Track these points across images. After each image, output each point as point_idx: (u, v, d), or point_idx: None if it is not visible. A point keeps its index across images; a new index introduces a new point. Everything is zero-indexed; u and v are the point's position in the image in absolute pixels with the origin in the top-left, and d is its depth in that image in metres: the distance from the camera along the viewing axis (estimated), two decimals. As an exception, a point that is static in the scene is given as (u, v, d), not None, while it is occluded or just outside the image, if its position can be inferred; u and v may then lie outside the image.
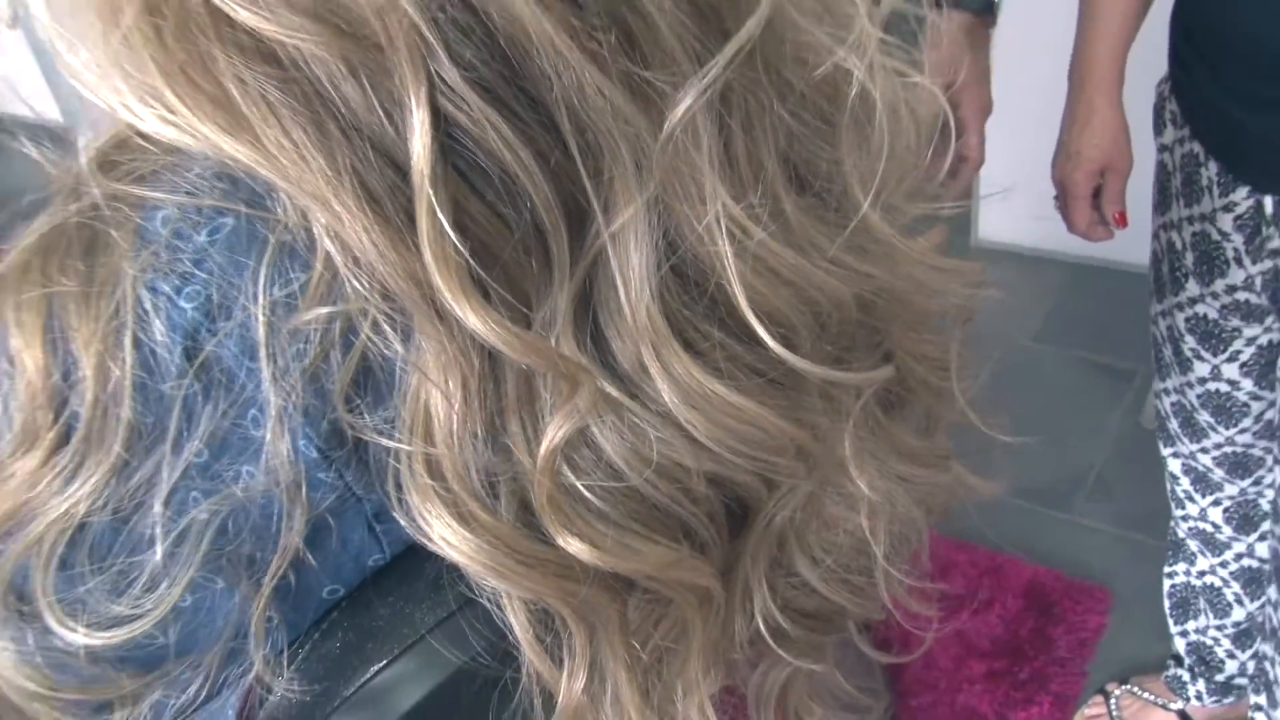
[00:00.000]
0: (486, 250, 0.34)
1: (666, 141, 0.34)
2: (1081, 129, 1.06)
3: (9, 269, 0.35)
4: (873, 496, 0.45)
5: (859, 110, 0.40)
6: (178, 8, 0.32)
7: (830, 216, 0.40)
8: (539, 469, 0.36)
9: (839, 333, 0.42)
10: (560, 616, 0.38)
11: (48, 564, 0.35)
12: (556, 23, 0.31)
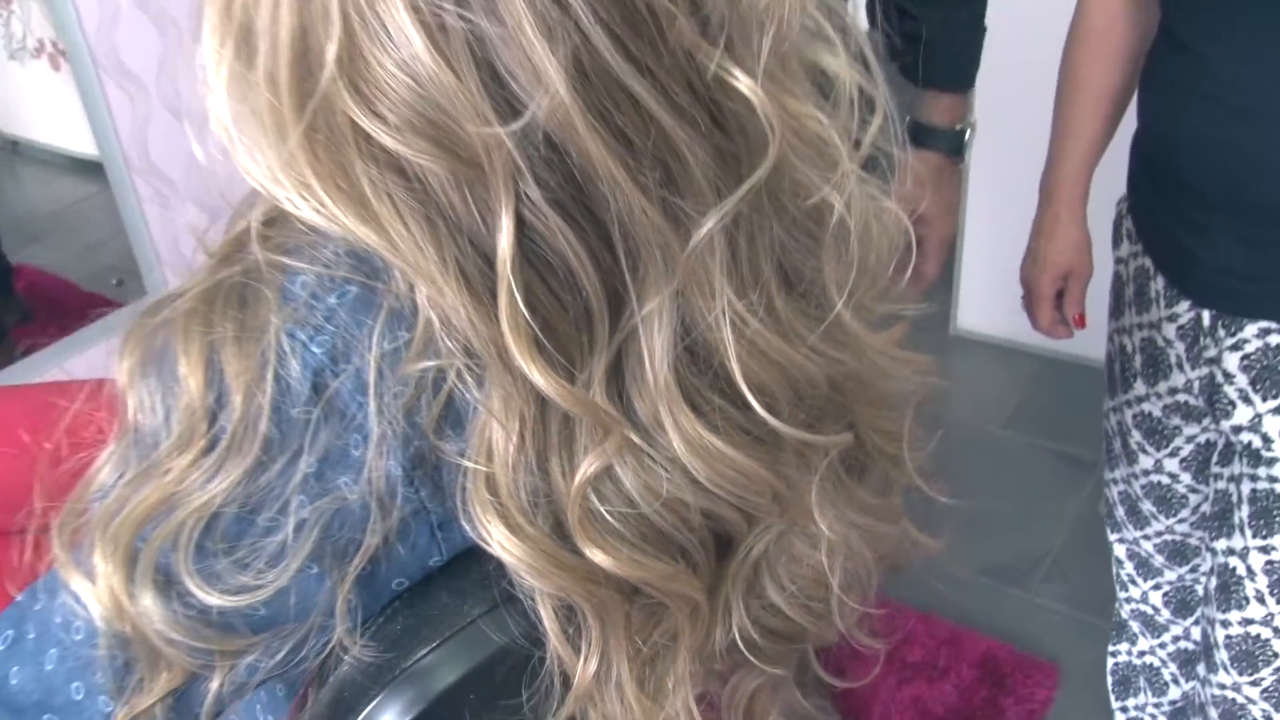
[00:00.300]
0: (547, 324, 0.44)
1: (691, 252, 0.44)
2: (1048, 238, 1.18)
3: (181, 312, 0.45)
4: (831, 538, 0.55)
5: (838, 231, 0.50)
6: (328, 128, 0.43)
7: (811, 312, 0.51)
8: (573, 495, 0.46)
9: (812, 405, 0.53)
10: (581, 612, 0.48)
11: (189, 543, 0.44)
12: (617, 162, 0.42)
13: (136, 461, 0.46)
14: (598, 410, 0.46)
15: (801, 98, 0.47)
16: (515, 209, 0.42)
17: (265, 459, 0.44)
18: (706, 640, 0.54)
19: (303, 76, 0.43)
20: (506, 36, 0.40)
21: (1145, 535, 1.26)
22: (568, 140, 0.42)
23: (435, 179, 0.43)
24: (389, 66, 0.41)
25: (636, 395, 0.47)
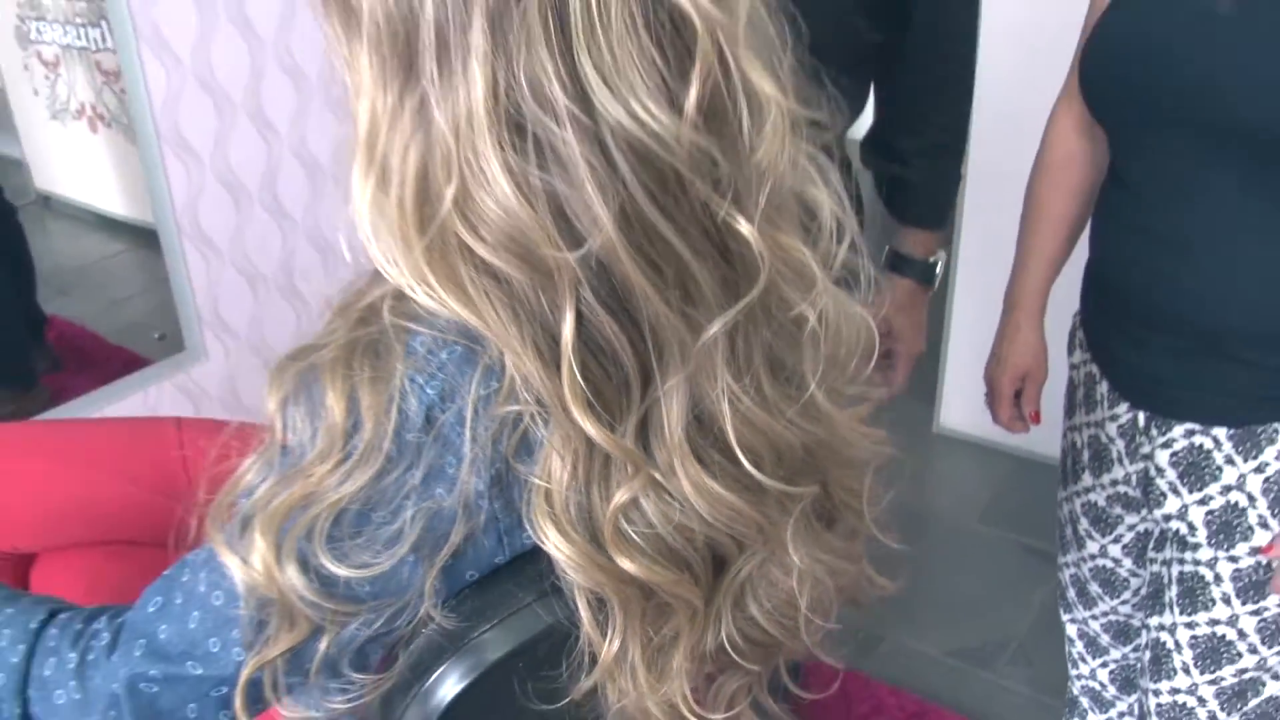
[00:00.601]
0: (596, 389, 0.60)
1: (700, 347, 0.60)
2: (1009, 343, 1.34)
3: (327, 360, 0.60)
4: (801, 568, 0.70)
5: (813, 333, 0.66)
6: (442, 241, 0.59)
7: (792, 394, 0.67)
8: (609, 516, 0.62)
9: (790, 463, 0.68)
10: (609, 604, 0.63)
11: (323, 528, 0.59)
12: (648, 283, 0.58)
13: (282, 467, 0.61)
14: (630, 453, 0.61)
15: (789, 231, 0.63)
16: (576, 307, 0.58)
17: (385, 470, 0.59)
18: (700, 641, 0.68)
19: (424, 203, 0.59)
20: (572, 191, 0.57)
21: (1093, 615, 1.40)
22: (614, 265, 0.58)
23: (519, 283, 0.59)
24: (489, 204, 0.57)
25: (658, 447, 0.63)
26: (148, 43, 1.98)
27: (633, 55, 0.55)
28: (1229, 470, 1.11)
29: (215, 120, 2.12)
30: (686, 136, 0.56)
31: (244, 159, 2.18)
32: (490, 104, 0.55)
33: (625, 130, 0.55)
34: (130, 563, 0.97)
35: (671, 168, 0.57)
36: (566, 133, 0.55)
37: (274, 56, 2.16)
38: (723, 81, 0.57)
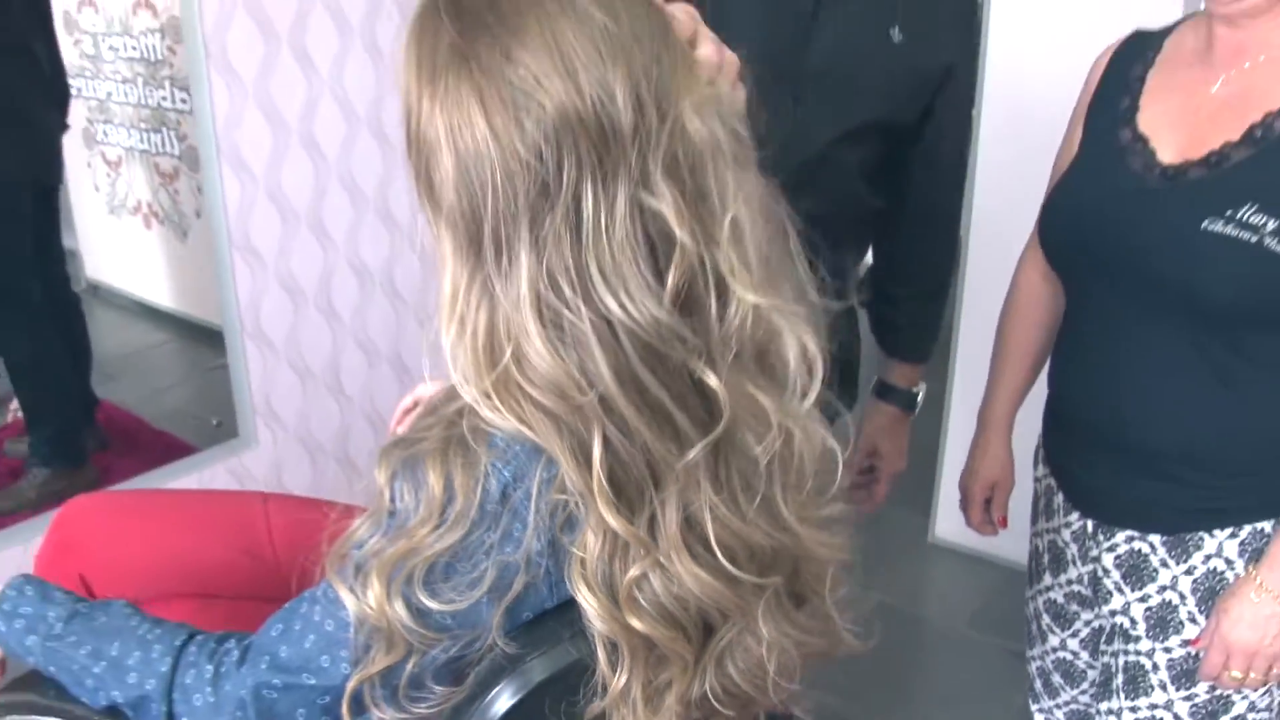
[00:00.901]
0: (619, 490, 0.79)
1: (682, 468, 0.79)
2: (980, 457, 1.53)
3: (428, 450, 0.79)
4: (769, 640, 0.88)
5: (783, 453, 0.85)
6: (505, 378, 0.78)
7: (761, 506, 0.85)
8: (624, 585, 0.80)
9: (760, 560, 0.86)
10: (620, 649, 0.81)
11: (421, 575, 0.78)
12: (642, 421, 0.78)
13: (389, 527, 0.80)
14: (642, 541, 0.80)
15: (754, 379, 0.82)
16: (602, 433, 0.78)
17: (470, 532, 0.78)
18: (688, 689, 0.86)
19: (490, 351, 0.79)
20: (585, 355, 0.76)
21: (1057, 704, 1.56)
22: (616, 408, 0.77)
23: (560, 414, 0.78)
24: (535, 360, 0.77)
25: (661, 538, 0.81)
26: (227, 159, 2.22)
27: (629, 258, 0.75)
28: (1164, 572, 1.29)
29: (280, 229, 2.35)
30: (664, 321, 0.76)
31: (303, 265, 2.41)
32: (531, 292, 0.76)
33: (617, 316, 0.76)
34: (216, 613, 1.14)
35: (654, 341, 0.77)
36: (578, 316, 0.76)
37: (336, 175, 2.40)
38: (699, 276, 0.77)
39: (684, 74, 0.76)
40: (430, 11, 0.77)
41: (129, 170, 2.56)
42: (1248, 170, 1.15)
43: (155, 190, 2.53)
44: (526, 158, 0.73)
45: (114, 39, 2.44)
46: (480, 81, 0.73)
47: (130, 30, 2.40)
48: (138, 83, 2.46)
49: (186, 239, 2.54)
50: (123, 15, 2.37)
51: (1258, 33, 1.17)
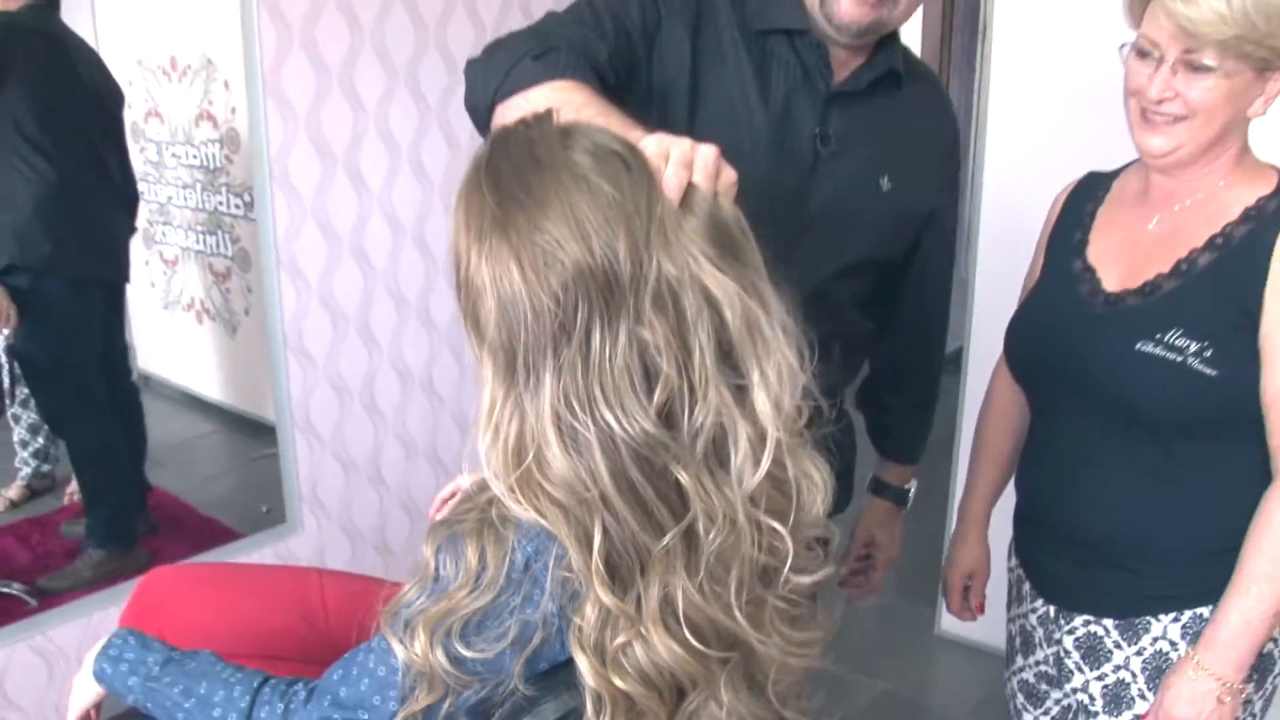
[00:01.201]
0: (614, 571, 0.94)
1: (660, 553, 0.95)
2: (959, 549, 1.70)
3: (465, 530, 0.96)
4: (729, 708, 1.03)
5: (731, 544, 1.01)
6: (526, 477, 0.95)
7: (723, 593, 1.00)
8: (611, 650, 0.96)
9: (725, 639, 1.01)
10: (605, 701, 0.97)
11: (458, 629, 0.95)
12: (631, 514, 0.94)
13: (433, 590, 0.97)
14: (629, 615, 0.96)
15: (714, 471, 0.97)
16: (601, 524, 0.94)
17: (498, 596, 0.95)
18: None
19: (517, 454, 0.96)
20: (590, 458, 0.93)
21: (1035, 779, 1.70)
22: (613, 503, 0.94)
23: (569, 506, 0.95)
24: (553, 464, 0.93)
25: (644, 613, 0.97)
26: (285, 268, 2.44)
27: (626, 382, 0.92)
28: (1117, 653, 1.44)
29: (331, 333, 2.56)
30: (652, 433, 0.94)
31: (350, 365, 2.61)
32: (551, 409, 0.94)
33: (615, 429, 0.93)
34: (278, 671, 1.31)
35: (643, 449, 0.94)
36: (586, 429, 0.93)
37: (383, 284, 2.62)
38: (678, 394, 0.95)
39: (669, 226, 0.95)
40: (474, 184, 0.96)
41: (184, 269, 2.75)
42: (1175, 299, 1.33)
43: (208, 288, 2.72)
44: (549, 303, 0.91)
45: (177, 147, 2.64)
46: (516, 244, 0.92)
47: (192, 140, 2.61)
48: (196, 188, 2.65)
49: (235, 335, 2.72)
50: (186, 126, 2.59)
51: (1186, 181, 1.37)
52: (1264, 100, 1.30)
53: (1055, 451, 1.48)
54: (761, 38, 1.46)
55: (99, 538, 2.51)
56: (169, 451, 2.74)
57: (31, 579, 2.37)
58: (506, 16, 2.69)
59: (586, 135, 0.97)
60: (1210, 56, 1.25)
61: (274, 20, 2.30)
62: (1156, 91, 1.29)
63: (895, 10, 1.40)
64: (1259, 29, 1.22)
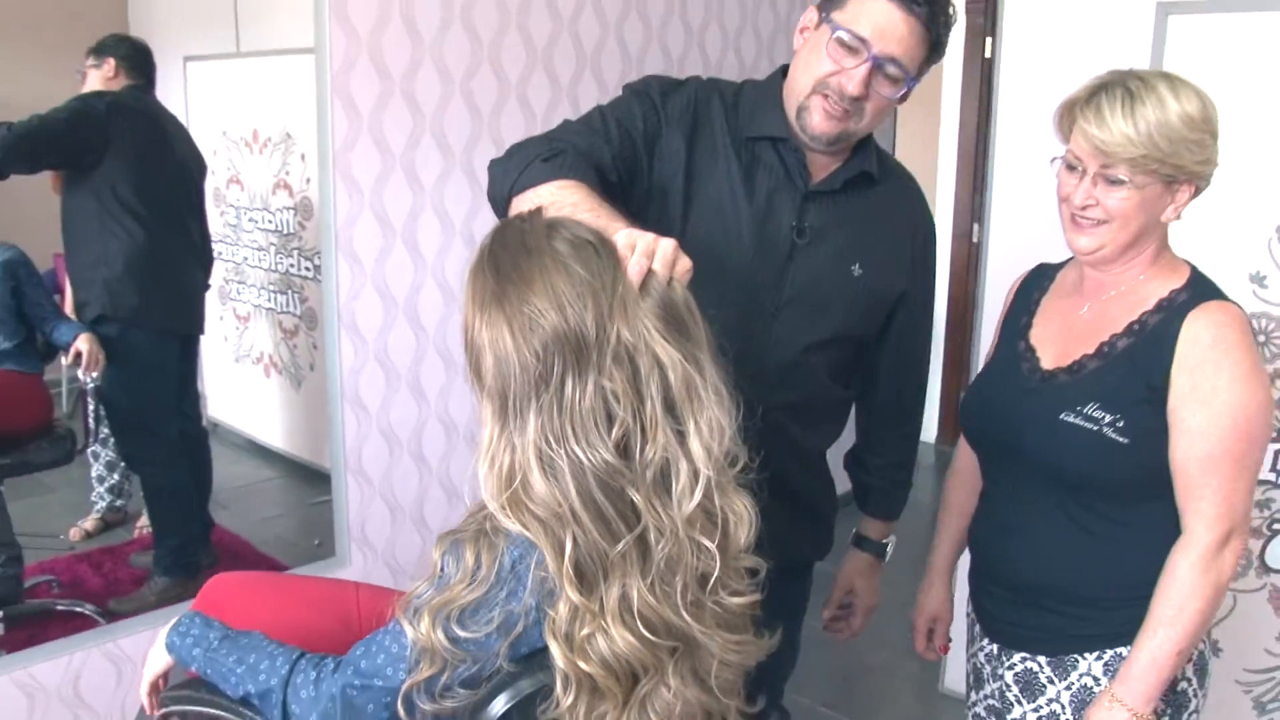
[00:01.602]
0: (581, 575, 1.17)
1: (618, 557, 1.18)
2: (926, 594, 1.90)
3: (464, 538, 1.20)
4: (676, 692, 1.23)
5: (674, 553, 1.24)
6: (514, 498, 1.19)
7: (670, 594, 1.23)
8: (578, 639, 1.18)
9: (674, 633, 1.22)
10: (571, 681, 1.19)
11: (455, 615, 1.18)
12: (598, 530, 1.18)
13: (438, 585, 1.21)
14: (593, 612, 1.18)
15: (660, 494, 1.20)
16: (572, 536, 1.17)
17: (489, 591, 1.18)
18: (620, 717, 1.23)
19: (508, 480, 1.19)
20: (564, 483, 1.16)
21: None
22: (581, 519, 1.16)
23: (546, 521, 1.18)
24: (535, 488, 1.17)
25: (606, 609, 1.19)
26: (346, 328, 2.72)
27: (592, 422, 1.16)
28: (1050, 687, 1.63)
29: (384, 386, 2.83)
30: (611, 462, 1.17)
31: (401, 417, 2.88)
32: (534, 444, 1.17)
33: (583, 459, 1.16)
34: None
35: (604, 475, 1.17)
36: (560, 459, 1.16)
37: (433, 343, 2.89)
38: (633, 433, 1.17)
39: (629, 303, 1.19)
40: (479, 266, 1.22)
41: (255, 325, 2.97)
42: (1096, 376, 1.54)
43: (277, 344, 2.94)
44: (533, 359, 1.16)
45: (254, 213, 2.87)
46: (509, 313, 1.17)
47: (269, 206, 2.84)
48: (270, 251, 2.87)
49: (300, 388, 2.94)
50: (264, 193, 2.83)
51: (1112, 274, 1.59)
52: (1174, 208, 1.52)
53: (997, 508, 1.69)
54: (750, 143, 1.71)
55: (165, 566, 2.71)
56: (232, 493, 2.93)
57: (102, 602, 2.55)
58: (555, 108, 2.99)
59: (567, 228, 1.23)
60: (1123, 172, 1.47)
61: (345, 108, 2.60)
62: (1080, 200, 1.51)
63: (860, 122, 1.65)
64: (1162, 150, 1.45)
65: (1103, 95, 1.47)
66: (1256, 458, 1.48)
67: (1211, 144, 1.48)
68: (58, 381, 2.67)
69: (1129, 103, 1.45)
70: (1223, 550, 1.47)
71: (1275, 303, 2.26)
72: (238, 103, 2.81)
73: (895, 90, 1.63)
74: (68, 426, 2.68)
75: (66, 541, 2.66)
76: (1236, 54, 2.28)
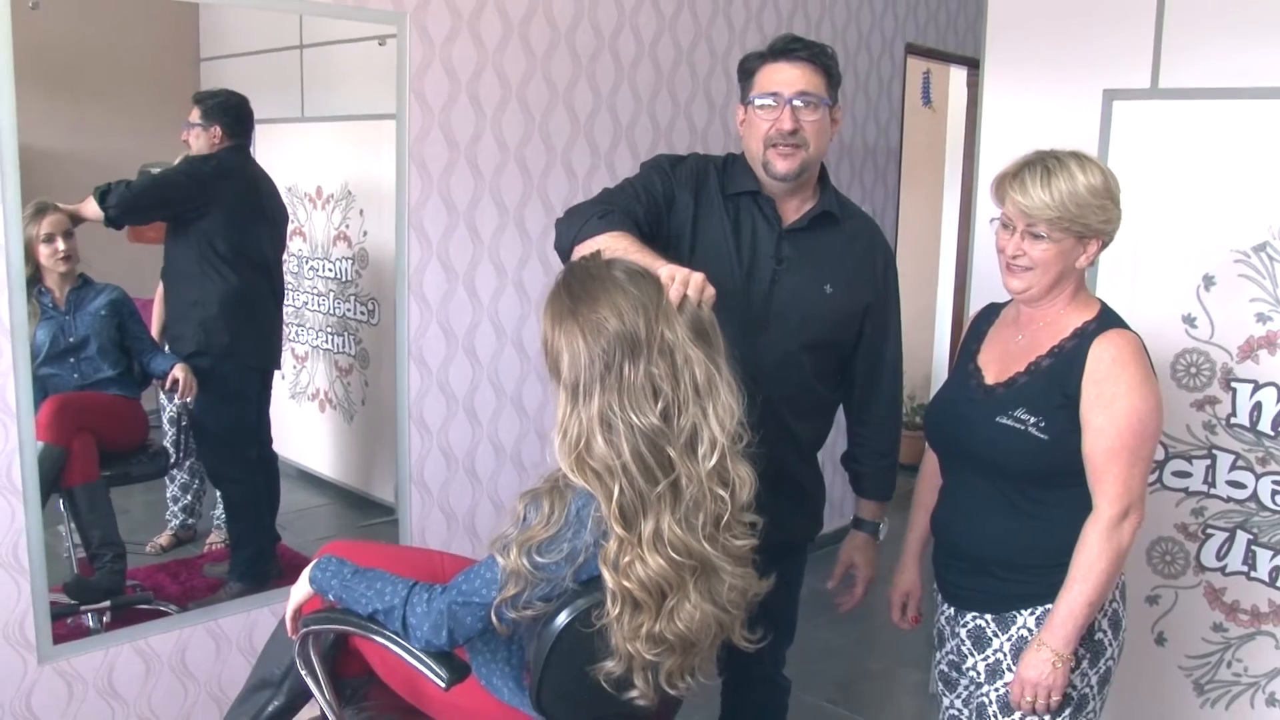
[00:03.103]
0: (624, 516, 1.59)
1: (654, 497, 1.61)
2: (900, 574, 2.31)
3: (542, 491, 1.63)
4: (694, 603, 1.65)
5: (699, 498, 1.67)
6: (579, 458, 1.62)
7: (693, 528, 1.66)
8: (622, 565, 1.59)
9: (697, 558, 1.66)
10: (618, 596, 1.60)
11: (535, 546, 1.60)
12: (640, 475, 1.61)
13: (522, 527, 1.63)
14: (634, 544, 1.58)
15: (693, 457, 1.63)
16: (619, 486, 1.59)
17: (559, 529, 1.60)
18: (654, 626, 1.61)
19: (575, 445, 1.61)
20: (619, 442, 1.59)
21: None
22: (630, 470, 1.59)
23: (602, 474, 1.60)
24: (598, 449, 1.60)
25: (643, 541, 1.60)
26: (413, 359, 3.16)
27: (641, 395, 1.58)
28: (995, 640, 2.03)
29: (444, 411, 3.27)
30: (656, 425, 1.59)
31: (458, 438, 3.31)
32: (598, 414, 1.59)
33: (634, 422, 1.58)
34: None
35: (651, 434, 1.59)
36: (617, 422, 1.58)
37: (486, 376, 3.34)
38: (673, 402, 1.61)
39: (670, 315, 1.62)
40: (557, 292, 1.67)
41: (313, 364, 3.31)
42: (1024, 387, 1.97)
43: (332, 381, 3.28)
44: (598, 355, 1.60)
45: (315, 261, 3.22)
46: (581, 324, 1.61)
47: (329, 256, 3.19)
48: (329, 296, 3.23)
49: (352, 422, 3.30)
50: (325, 243, 3.18)
51: (1040, 309, 2.01)
52: (1085, 257, 1.95)
53: (952, 494, 2.11)
54: (735, 198, 2.21)
55: (240, 573, 3.04)
56: (288, 518, 3.23)
57: (182, 604, 2.89)
58: (594, 174, 3.46)
59: (622, 263, 1.68)
60: (1042, 229, 1.91)
61: (419, 171, 3.07)
62: (1011, 251, 1.95)
63: (810, 150, 2.14)
64: (1072, 212, 1.88)
65: (1025, 170, 1.91)
66: (1149, 450, 1.89)
67: (1113, 207, 1.91)
68: (155, 410, 2.98)
69: (1046, 176, 1.89)
70: (1122, 523, 1.87)
71: (1203, 340, 2.68)
72: (303, 162, 3.17)
73: (817, 114, 2.12)
74: (161, 445, 3.02)
75: (147, 552, 2.96)
76: (1171, 134, 2.72)
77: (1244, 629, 2.71)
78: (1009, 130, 3.05)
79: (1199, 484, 2.73)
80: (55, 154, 2.62)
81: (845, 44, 4.43)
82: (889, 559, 2.39)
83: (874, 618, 3.76)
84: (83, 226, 2.68)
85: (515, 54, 3.21)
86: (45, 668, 2.57)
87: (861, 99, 4.58)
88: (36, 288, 2.61)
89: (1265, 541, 2.65)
